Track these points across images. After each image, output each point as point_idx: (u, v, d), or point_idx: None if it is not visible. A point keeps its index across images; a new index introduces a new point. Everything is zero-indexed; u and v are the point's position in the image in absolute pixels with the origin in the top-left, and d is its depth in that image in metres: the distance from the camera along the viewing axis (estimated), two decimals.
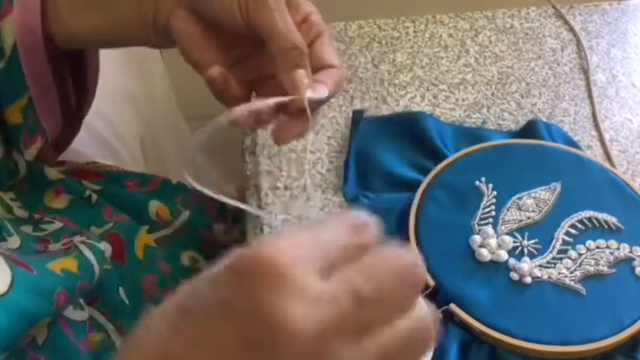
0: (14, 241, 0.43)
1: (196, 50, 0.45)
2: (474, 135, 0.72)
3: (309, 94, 0.41)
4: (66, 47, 0.48)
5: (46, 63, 0.47)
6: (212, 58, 0.45)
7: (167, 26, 0.45)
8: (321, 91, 0.42)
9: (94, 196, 0.51)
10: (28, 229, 0.47)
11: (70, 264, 0.43)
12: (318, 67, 0.44)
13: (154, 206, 0.52)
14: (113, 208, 0.51)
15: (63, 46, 0.48)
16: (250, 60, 0.47)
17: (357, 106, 0.75)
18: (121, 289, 0.48)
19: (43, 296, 0.40)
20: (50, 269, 0.42)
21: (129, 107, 0.72)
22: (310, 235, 0.28)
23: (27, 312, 0.39)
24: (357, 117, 0.73)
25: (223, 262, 0.27)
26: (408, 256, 0.30)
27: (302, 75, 0.41)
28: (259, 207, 0.66)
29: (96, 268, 0.44)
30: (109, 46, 0.51)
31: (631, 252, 0.61)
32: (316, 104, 0.43)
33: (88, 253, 0.44)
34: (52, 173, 0.52)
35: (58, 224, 0.48)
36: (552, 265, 0.60)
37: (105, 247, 0.47)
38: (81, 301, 0.45)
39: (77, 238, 0.46)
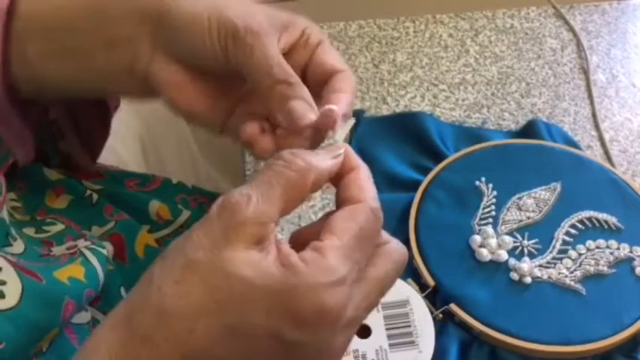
0: (18, 245, 0.43)
1: (185, 101, 0.41)
2: (474, 135, 0.72)
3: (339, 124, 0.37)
4: (32, 96, 0.44)
5: (7, 105, 0.43)
6: (206, 108, 0.42)
7: (147, 76, 0.41)
8: (341, 106, 0.38)
9: (95, 196, 0.51)
10: (30, 231, 0.47)
11: (77, 271, 0.43)
12: (325, 75, 0.41)
13: (155, 206, 0.52)
14: (114, 207, 0.51)
15: (29, 95, 0.44)
16: (255, 93, 0.43)
17: (357, 106, 0.75)
18: (122, 290, 0.48)
19: (52, 307, 0.39)
20: (58, 278, 0.41)
21: (129, 107, 0.72)
22: (351, 259, 0.32)
23: (37, 324, 0.38)
24: (357, 117, 0.73)
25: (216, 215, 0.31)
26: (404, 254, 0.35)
27: (299, 105, 0.38)
28: None
29: (100, 274, 0.44)
30: (83, 96, 0.47)
31: (631, 252, 0.61)
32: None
33: (93, 259, 0.44)
34: (52, 174, 0.52)
35: (60, 226, 0.48)
36: (552, 265, 0.60)
37: (107, 247, 0.47)
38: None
39: (82, 243, 0.46)
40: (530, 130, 0.72)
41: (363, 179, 0.36)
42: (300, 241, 0.34)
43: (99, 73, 0.43)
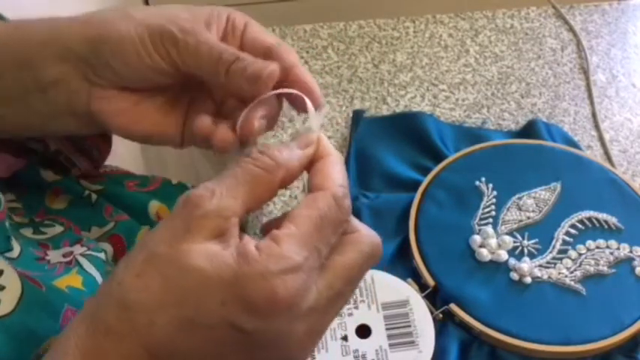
0: (15, 249, 0.43)
1: (136, 126, 0.40)
2: (474, 135, 0.72)
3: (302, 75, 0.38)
4: None
5: None
6: (159, 126, 0.41)
7: (90, 113, 0.40)
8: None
9: (94, 196, 0.51)
10: (28, 232, 0.46)
11: (75, 281, 0.42)
12: (261, 50, 0.40)
13: (154, 206, 0.52)
14: (113, 207, 0.51)
15: None
16: (202, 93, 0.42)
17: (357, 106, 0.75)
18: None
19: (51, 314, 0.39)
20: (57, 286, 0.41)
21: None
22: (310, 246, 0.32)
23: (33, 332, 0.38)
24: (357, 117, 0.73)
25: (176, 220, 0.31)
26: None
27: (258, 64, 0.37)
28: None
29: (99, 280, 0.44)
30: (27, 136, 0.46)
31: (631, 252, 0.61)
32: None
33: (90, 267, 0.44)
34: (48, 175, 0.51)
35: (58, 228, 0.48)
36: (552, 265, 0.60)
37: (107, 249, 0.47)
38: None
39: (77, 249, 0.45)
40: (530, 130, 0.72)
41: (329, 167, 0.35)
42: (265, 233, 0.34)
43: (40, 115, 0.42)
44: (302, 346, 0.33)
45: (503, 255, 0.61)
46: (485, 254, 0.61)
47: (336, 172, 0.35)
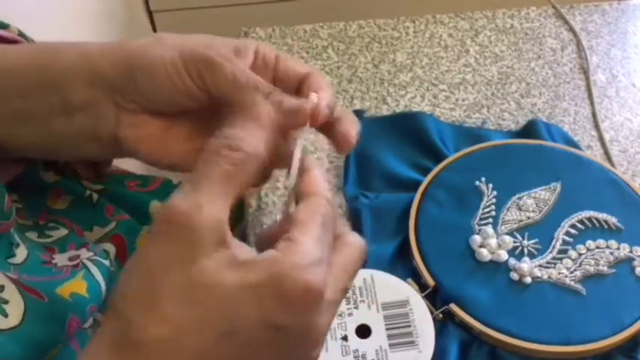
0: (21, 252, 0.42)
1: (163, 152, 0.40)
2: (474, 135, 0.72)
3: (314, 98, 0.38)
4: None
5: None
6: (186, 154, 0.41)
7: (116, 139, 0.40)
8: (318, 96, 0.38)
9: (95, 196, 0.51)
10: (33, 235, 0.46)
11: (79, 287, 0.42)
12: (296, 81, 0.41)
13: (155, 206, 0.52)
14: (115, 207, 0.51)
15: None
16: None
17: (357, 106, 0.75)
18: None
19: (56, 325, 0.39)
20: (60, 295, 0.41)
21: None
22: (320, 239, 0.33)
23: (41, 342, 0.38)
24: (357, 117, 0.72)
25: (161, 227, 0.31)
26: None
27: (293, 100, 0.37)
28: (259, 207, 0.66)
29: (103, 288, 0.44)
30: (43, 158, 0.46)
31: (631, 252, 0.61)
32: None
33: (96, 272, 0.44)
34: (48, 176, 0.51)
35: (63, 231, 0.48)
36: (552, 265, 0.60)
37: (110, 249, 0.47)
38: None
39: (84, 254, 0.45)
40: (530, 130, 0.72)
41: (314, 172, 0.36)
42: (264, 242, 0.34)
43: (62, 138, 0.41)
44: (321, 341, 0.34)
45: (503, 255, 0.61)
46: (485, 254, 0.61)
47: (321, 176, 0.36)
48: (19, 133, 0.41)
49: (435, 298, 0.59)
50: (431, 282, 0.59)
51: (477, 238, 0.62)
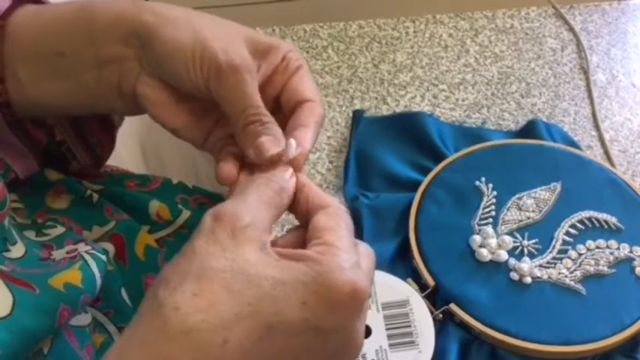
0: (19, 249, 0.43)
1: (169, 117, 0.43)
2: (474, 135, 0.72)
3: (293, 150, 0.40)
4: (25, 115, 0.45)
5: (4, 126, 0.44)
6: (188, 125, 0.43)
7: (134, 93, 0.43)
8: (296, 146, 0.40)
9: (95, 196, 0.51)
10: (31, 234, 0.47)
11: (74, 277, 0.42)
12: (296, 102, 0.42)
13: (155, 206, 0.52)
14: (114, 207, 0.51)
15: (22, 114, 0.45)
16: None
17: (357, 106, 0.75)
18: (123, 290, 0.48)
19: (47, 315, 0.39)
20: (53, 286, 0.41)
21: None
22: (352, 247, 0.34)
23: (31, 332, 0.38)
24: (357, 117, 0.73)
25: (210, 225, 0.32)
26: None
27: (267, 142, 0.39)
28: None
29: (98, 280, 0.44)
30: (73, 113, 0.48)
31: (631, 252, 0.61)
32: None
33: (93, 265, 0.44)
34: (52, 174, 0.52)
35: (60, 229, 0.48)
36: (552, 265, 0.60)
37: (108, 248, 0.47)
38: None
39: (82, 247, 0.45)
40: (530, 130, 0.72)
41: (316, 189, 0.38)
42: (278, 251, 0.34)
43: (89, 92, 0.44)
44: (360, 348, 0.34)
45: (503, 255, 0.61)
46: (485, 254, 0.61)
47: (324, 194, 0.37)
48: (53, 91, 0.43)
49: (435, 298, 0.59)
50: (431, 282, 0.59)
51: (476, 238, 0.61)
